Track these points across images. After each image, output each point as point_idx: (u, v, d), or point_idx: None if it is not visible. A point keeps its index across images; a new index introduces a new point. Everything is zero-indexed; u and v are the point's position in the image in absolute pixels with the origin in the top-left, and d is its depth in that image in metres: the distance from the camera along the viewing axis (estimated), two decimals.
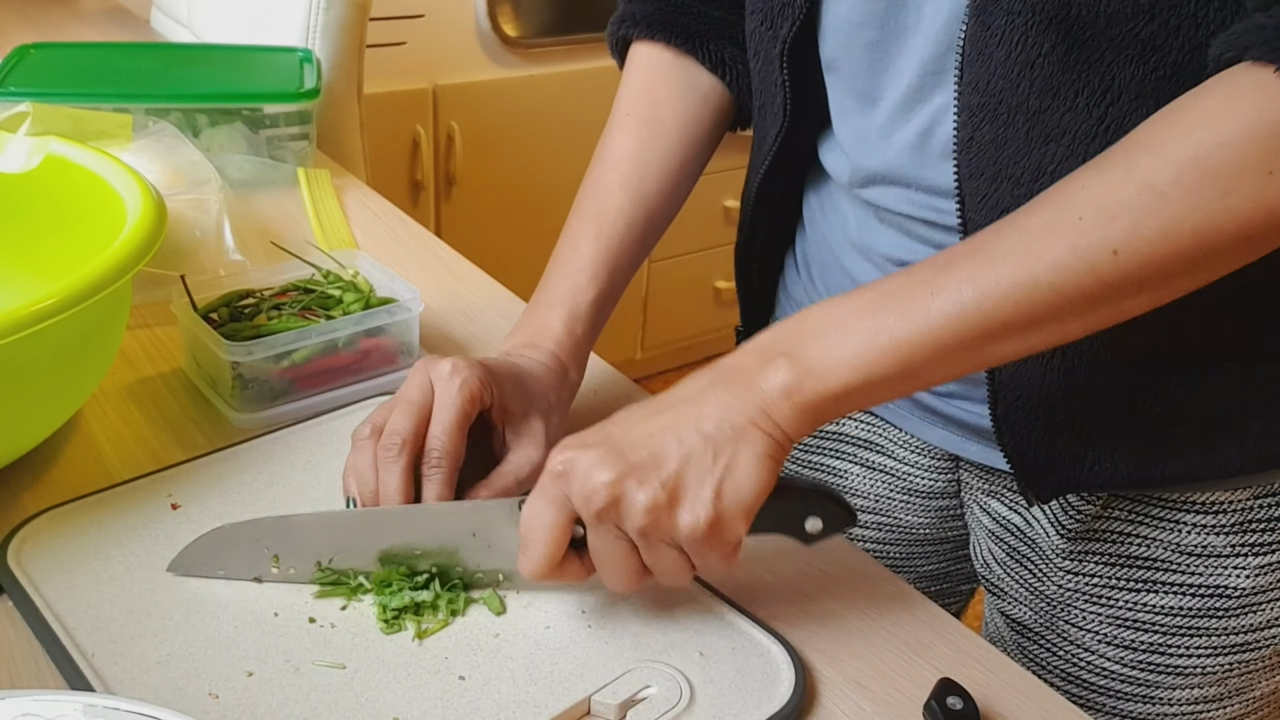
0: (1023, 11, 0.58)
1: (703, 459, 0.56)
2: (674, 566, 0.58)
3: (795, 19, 0.70)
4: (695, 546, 0.56)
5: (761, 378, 0.56)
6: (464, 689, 0.57)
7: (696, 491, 0.55)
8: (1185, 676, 0.74)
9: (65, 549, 0.64)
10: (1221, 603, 0.72)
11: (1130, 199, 0.52)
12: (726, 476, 0.56)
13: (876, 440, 0.84)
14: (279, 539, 0.63)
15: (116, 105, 1.08)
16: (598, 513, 0.56)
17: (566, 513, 0.58)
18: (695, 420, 0.56)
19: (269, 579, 0.63)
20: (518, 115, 2.28)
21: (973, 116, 0.62)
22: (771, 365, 0.56)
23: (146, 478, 0.70)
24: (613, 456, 0.56)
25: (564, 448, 0.58)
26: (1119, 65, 0.58)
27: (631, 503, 0.55)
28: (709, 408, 0.57)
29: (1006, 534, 0.79)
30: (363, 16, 1.43)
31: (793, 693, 0.58)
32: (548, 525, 0.58)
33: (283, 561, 0.63)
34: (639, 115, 0.80)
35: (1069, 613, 0.76)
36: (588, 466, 0.56)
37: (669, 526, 0.56)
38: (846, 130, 0.73)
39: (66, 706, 0.46)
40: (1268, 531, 0.70)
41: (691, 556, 0.57)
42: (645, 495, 0.55)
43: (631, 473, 0.55)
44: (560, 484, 0.57)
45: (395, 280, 0.84)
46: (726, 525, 0.56)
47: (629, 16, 0.82)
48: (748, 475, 0.56)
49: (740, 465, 0.56)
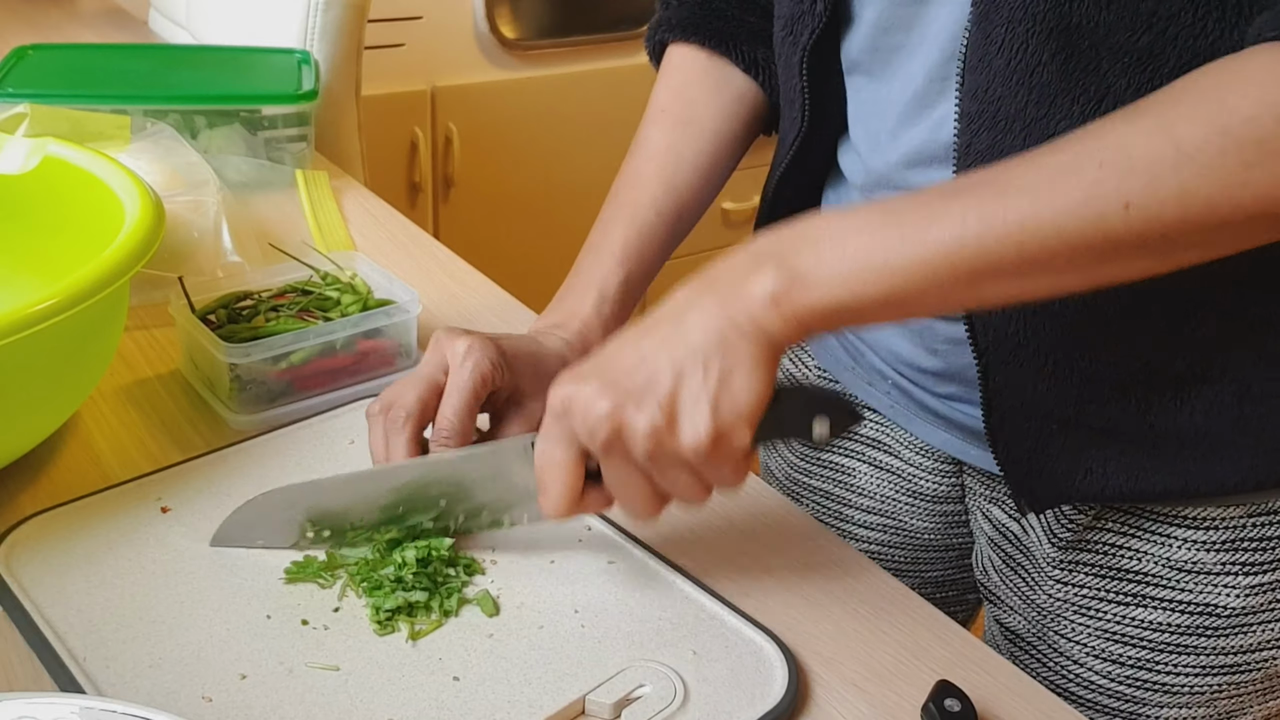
0: (1023, 20, 0.58)
1: (695, 374, 0.55)
2: (688, 486, 0.57)
3: (815, 27, 0.71)
4: (703, 462, 0.56)
5: (749, 283, 0.55)
6: (458, 689, 0.57)
7: (694, 407, 0.55)
8: (1173, 695, 0.73)
9: (55, 553, 0.64)
10: (1210, 621, 0.71)
11: (1153, 154, 0.50)
12: (721, 388, 0.55)
13: (885, 440, 0.84)
14: (310, 502, 0.65)
15: (114, 107, 1.08)
16: (603, 444, 0.56)
17: (575, 448, 0.58)
18: (683, 335, 0.55)
19: (304, 545, 0.65)
20: (516, 117, 2.28)
21: (971, 124, 0.62)
22: (760, 271, 0.55)
23: (135, 481, 0.71)
24: (608, 385, 0.56)
25: (560, 383, 0.58)
26: (1115, 74, 0.58)
27: (633, 429, 0.55)
28: (697, 319, 0.56)
29: (1004, 541, 0.79)
30: (361, 18, 1.43)
31: (786, 690, 0.58)
32: (560, 464, 0.58)
33: (317, 527, 0.65)
34: (673, 112, 0.81)
35: (1059, 623, 0.76)
36: (586, 400, 0.56)
37: (673, 446, 0.55)
38: (861, 133, 0.74)
39: (63, 709, 0.46)
40: (1259, 551, 0.69)
41: (703, 473, 0.57)
42: (645, 419, 0.55)
43: (628, 399, 0.55)
44: (563, 421, 0.57)
45: (393, 282, 0.84)
46: (729, 436, 0.55)
47: (666, 21, 0.84)
48: (743, 384, 0.55)
49: (734, 375, 0.55)
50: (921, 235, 0.53)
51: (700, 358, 0.55)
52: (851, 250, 0.54)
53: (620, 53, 2.35)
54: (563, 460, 0.58)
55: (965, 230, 0.52)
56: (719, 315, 0.55)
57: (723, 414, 0.55)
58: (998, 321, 0.66)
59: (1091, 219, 0.51)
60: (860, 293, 0.54)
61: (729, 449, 0.56)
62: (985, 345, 0.67)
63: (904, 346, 0.75)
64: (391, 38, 2.08)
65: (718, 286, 0.56)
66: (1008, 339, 0.66)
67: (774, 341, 0.55)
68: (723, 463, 0.56)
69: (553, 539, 0.68)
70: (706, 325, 0.55)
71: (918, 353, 0.74)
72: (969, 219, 0.52)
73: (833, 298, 0.54)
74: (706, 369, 0.55)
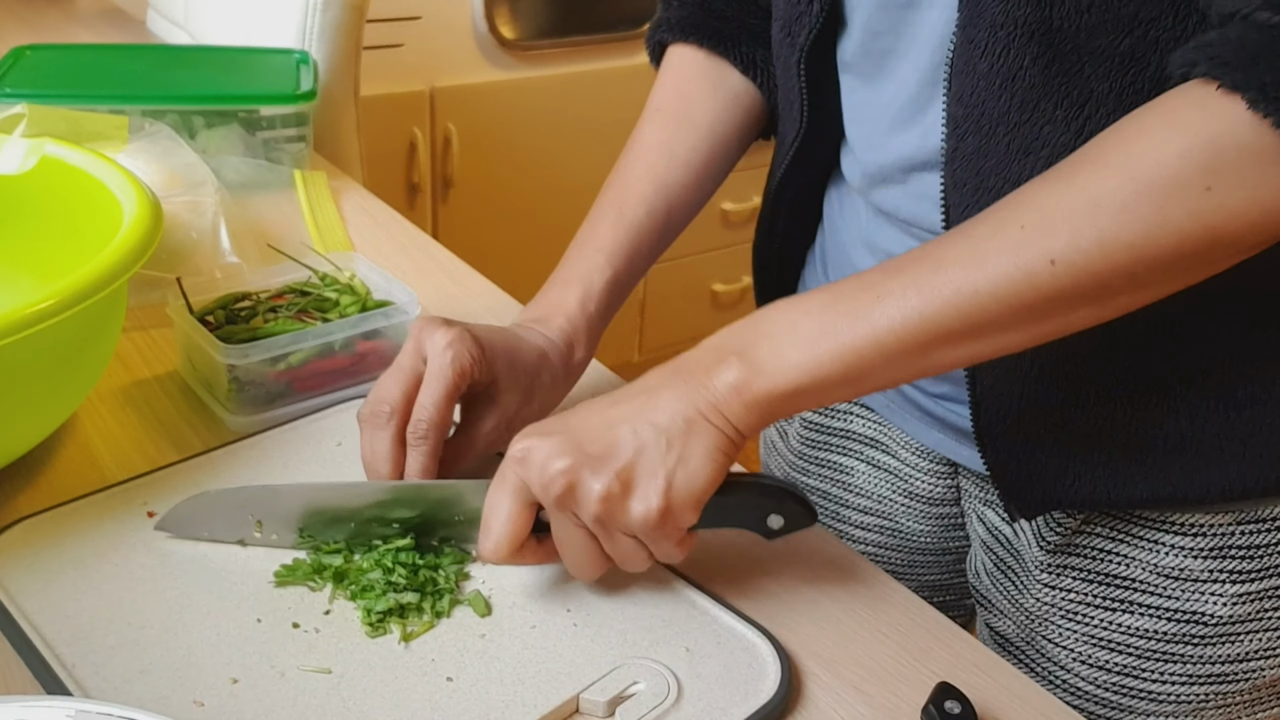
0: (1005, 24, 0.58)
1: (655, 450, 0.57)
2: (631, 553, 0.60)
3: (811, 28, 0.71)
4: (648, 534, 0.58)
5: (714, 375, 0.58)
6: (452, 690, 0.57)
7: (649, 482, 0.57)
8: (1160, 703, 0.73)
9: (41, 559, 0.64)
10: (1197, 629, 0.71)
11: (1070, 210, 0.52)
12: (678, 468, 0.57)
13: (882, 440, 0.84)
14: (263, 505, 0.65)
15: (112, 107, 1.08)
16: (556, 500, 0.58)
17: (524, 498, 0.59)
18: (650, 413, 0.58)
19: (252, 543, 0.65)
20: (515, 117, 2.28)
21: (958, 128, 0.63)
22: (724, 364, 0.58)
23: (121, 486, 0.70)
24: (570, 445, 0.58)
25: (525, 435, 0.59)
26: (1098, 78, 0.58)
27: (587, 491, 0.57)
28: (664, 401, 0.58)
29: (996, 544, 0.79)
30: (359, 18, 1.43)
31: (779, 686, 0.58)
32: (506, 512, 0.60)
33: (266, 527, 0.65)
34: (669, 110, 0.82)
35: (1047, 628, 0.76)
36: (545, 455, 0.58)
37: (622, 515, 0.58)
38: (856, 135, 0.74)
39: (57, 713, 0.46)
40: (1247, 559, 0.69)
41: (647, 544, 0.59)
42: (600, 484, 0.57)
43: (587, 462, 0.57)
44: (519, 470, 0.59)
45: (392, 283, 0.84)
46: (677, 514, 0.58)
47: (665, 22, 0.84)
48: (698, 467, 0.57)
49: (691, 457, 0.57)
50: (868, 314, 0.56)
51: (664, 435, 0.58)
52: (805, 337, 0.57)
53: (619, 53, 2.35)
54: (509, 509, 0.60)
55: (907, 305, 0.55)
56: (687, 400, 0.58)
57: (675, 492, 0.57)
58: None
59: (1021, 279, 0.53)
60: (817, 375, 0.57)
61: (674, 526, 0.59)
62: None
63: None
64: (390, 38, 2.08)
65: (685, 375, 0.59)
66: None
67: (735, 432, 0.58)
68: (666, 537, 0.59)
69: None
70: (674, 407, 0.58)
71: None
72: (909, 295, 0.55)
73: (791, 383, 0.57)
74: (669, 446, 0.57)
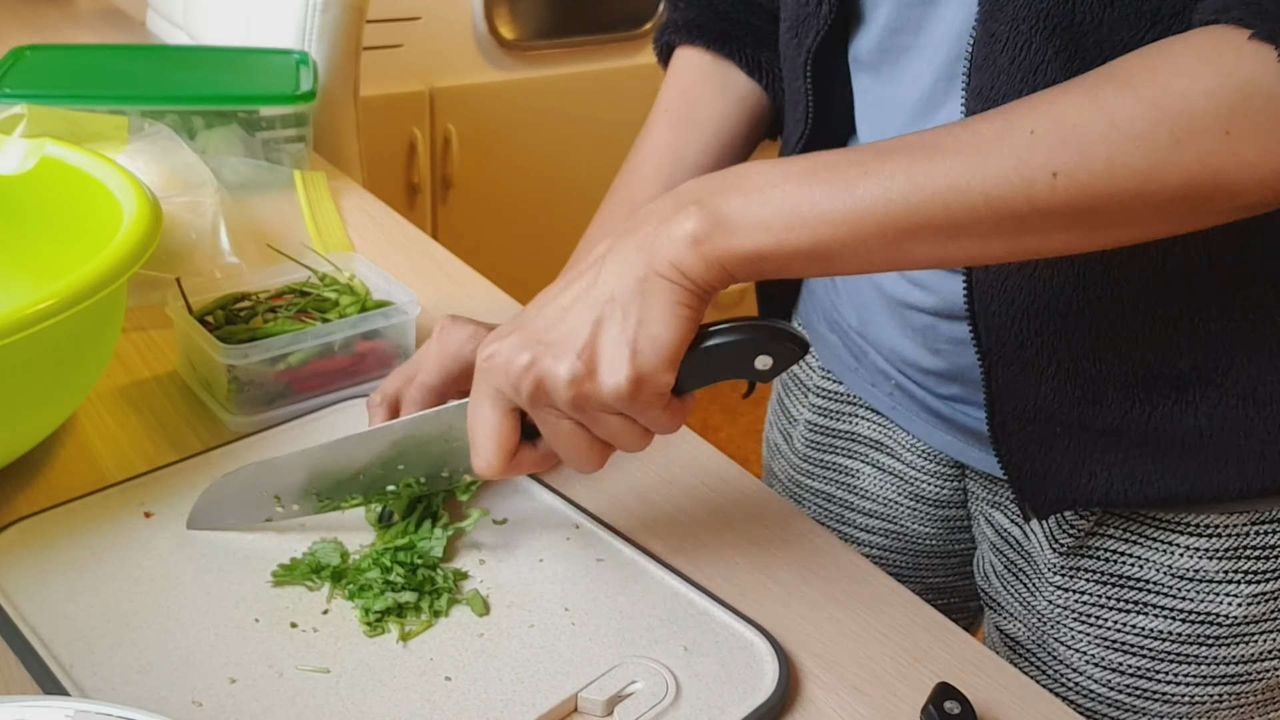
0: (1028, 18, 0.58)
1: (611, 321, 0.55)
2: (621, 431, 0.58)
3: (820, 28, 0.71)
4: (629, 407, 0.56)
5: (670, 225, 0.55)
6: (450, 689, 0.57)
7: (613, 353, 0.55)
8: (1173, 705, 0.73)
9: (38, 560, 0.64)
10: (1212, 630, 0.70)
11: (1084, 125, 0.50)
12: (640, 331, 0.55)
13: (887, 442, 0.84)
14: (272, 480, 0.66)
15: (112, 107, 1.09)
16: (529, 398, 0.57)
17: (502, 405, 0.58)
18: (601, 285, 0.56)
19: (279, 519, 0.66)
20: (514, 118, 2.28)
21: None
22: (683, 213, 0.55)
23: (118, 486, 0.70)
24: (528, 339, 0.57)
25: (487, 342, 0.58)
26: None
27: (554, 380, 0.56)
28: (612, 268, 0.56)
29: (1006, 546, 0.79)
30: (359, 19, 1.43)
31: (777, 684, 0.58)
32: (488, 421, 0.59)
33: (285, 500, 0.66)
34: (676, 112, 0.82)
35: (1059, 630, 0.76)
36: (507, 355, 0.57)
37: (596, 393, 0.56)
38: (868, 133, 0.74)
39: (55, 713, 0.46)
40: (1262, 559, 0.68)
41: (635, 418, 0.57)
42: (565, 369, 0.55)
43: (548, 351, 0.56)
44: (488, 378, 0.58)
45: (391, 283, 0.85)
46: (649, 379, 0.55)
47: (673, 24, 0.85)
48: (661, 327, 0.55)
49: (651, 319, 0.55)
50: (850, 190, 0.53)
51: (619, 304, 0.55)
52: (778, 198, 0.54)
53: (619, 53, 2.36)
54: (490, 419, 0.59)
55: (893, 188, 0.52)
56: (638, 261, 0.55)
57: (641, 357, 0.55)
58: (1002, 322, 0.66)
59: (1019, 185, 0.51)
60: (784, 241, 0.54)
61: (652, 392, 0.56)
62: (989, 346, 0.67)
63: (907, 346, 0.75)
64: (390, 38, 2.08)
65: (639, 232, 0.56)
66: (1011, 340, 0.66)
67: (695, 284, 0.55)
68: (649, 406, 0.57)
69: (541, 537, 0.68)
70: (624, 272, 0.55)
71: (920, 353, 0.74)
72: (898, 177, 0.52)
73: (755, 243, 0.54)
74: (625, 314, 0.55)
